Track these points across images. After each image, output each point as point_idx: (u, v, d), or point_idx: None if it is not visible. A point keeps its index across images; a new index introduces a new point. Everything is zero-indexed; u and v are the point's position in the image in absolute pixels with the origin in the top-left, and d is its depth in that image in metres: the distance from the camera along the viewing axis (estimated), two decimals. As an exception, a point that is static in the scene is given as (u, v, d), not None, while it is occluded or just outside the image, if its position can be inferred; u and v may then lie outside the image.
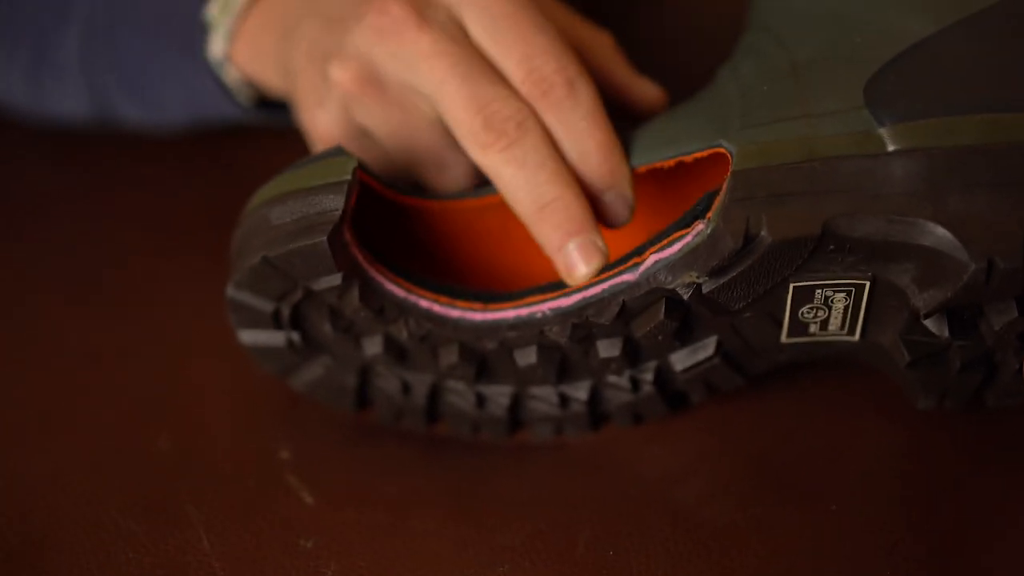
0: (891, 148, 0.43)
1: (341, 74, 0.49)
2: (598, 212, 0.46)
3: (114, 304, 0.57)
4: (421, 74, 0.47)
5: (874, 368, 0.48)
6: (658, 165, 0.46)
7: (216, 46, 0.56)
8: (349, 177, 0.45)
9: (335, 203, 0.44)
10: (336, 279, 0.45)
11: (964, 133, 0.42)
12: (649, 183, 0.48)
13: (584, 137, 0.46)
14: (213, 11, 0.55)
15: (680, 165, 0.46)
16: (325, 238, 0.44)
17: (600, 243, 0.45)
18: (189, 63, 0.57)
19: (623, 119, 0.49)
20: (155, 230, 0.60)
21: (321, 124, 0.51)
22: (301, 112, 0.52)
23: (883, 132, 0.43)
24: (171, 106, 0.60)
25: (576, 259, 0.45)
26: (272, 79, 0.55)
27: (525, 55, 0.46)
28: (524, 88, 0.46)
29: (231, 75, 0.56)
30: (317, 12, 0.51)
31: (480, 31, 0.47)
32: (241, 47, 0.55)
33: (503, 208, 0.48)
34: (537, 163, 0.46)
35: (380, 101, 0.49)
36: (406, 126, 0.50)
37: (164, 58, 0.58)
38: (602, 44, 0.53)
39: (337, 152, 0.46)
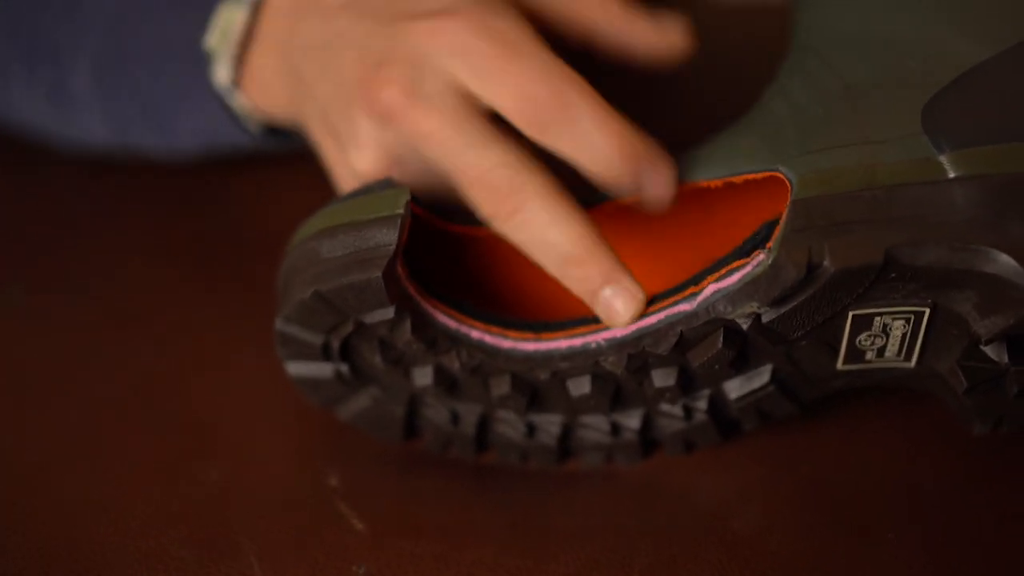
0: (952, 175, 0.43)
1: (362, 162, 0.49)
2: (641, 201, 0.46)
3: (160, 334, 0.56)
4: (425, 153, 0.47)
5: (927, 394, 0.48)
6: (705, 184, 0.46)
7: (221, 74, 0.55)
8: (402, 211, 0.44)
9: (388, 237, 0.44)
10: (388, 313, 0.45)
11: None
12: (695, 203, 0.48)
13: (597, 147, 0.45)
14: (211, 41, 0.55)
15: (728, 186, 0.46)
16: (380, 273, 0.43)
17: (632, 286, 0.45)
18: (198, 91, 0.56)
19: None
20: (201, 260, 0.60)
21: (362, 164, 0.50)
22: (333, 165, 0.52)
23: (943, 159, 0.43)
24: (184, 135, 0.59)
25: (611, 308, 0.45)
26: (282, 111, 0.54)
27: (515, 94, 0.46)
28: (525, 127, 0.46)
29: (239, 102, 0.56)
30: (316, 59, 0.50)
31: (471, 82, 0.46)
32: (248, 77, 0.55)
33: None
34: (542, 225, 0.45)
35: (407, 174, 0.49)
36: (441, 182, 0.49)
37: (173, 86, 0.57)
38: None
39: (387, 184, 0.46)
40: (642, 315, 0.45)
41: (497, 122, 0.47)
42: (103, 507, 0.49)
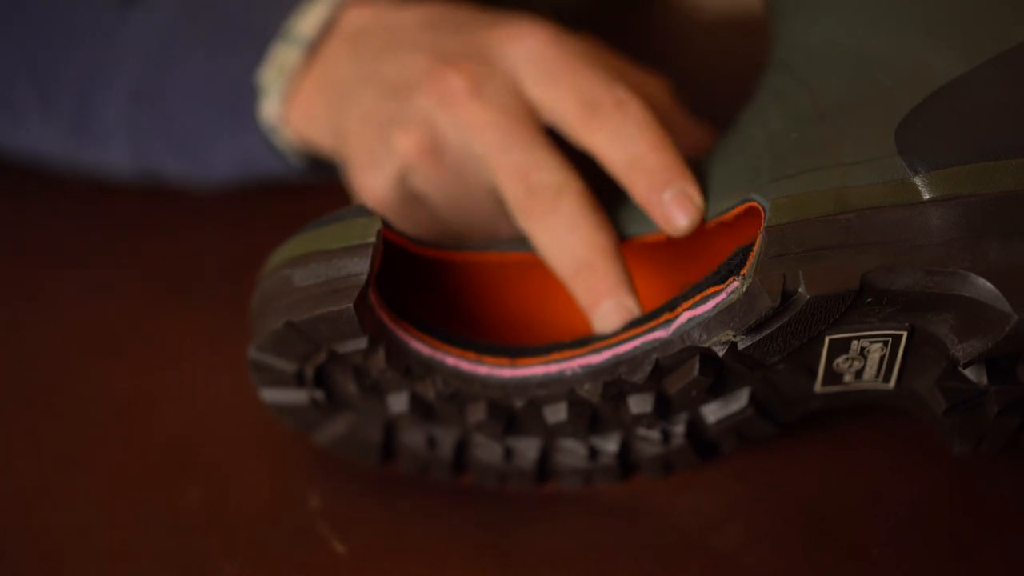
0: (927, 196, 0.42)
1: (404, 140, 0.50)
2: (663, 216, 0.46)
3: (138, 356, 0.56)
4: (474, 143, 0.48)
5: (903, 413, 0.47)
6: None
7: (270, 108, 0.56)
8: (373, 239, 0.44)
9: (360, 267, 0.43)
10: (362, 343, 0.44)
11: (1001, 179, 0.41)
12: (677, 240, 0.47)
13: (635, 141, 0.47)
14: (269, 76, 0.56)
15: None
16: (352, 304, 0.43)
17: (631, 305, 0.46)
18: (238, 125, 0.57)
19: None
20: (178, 282, 0.59)
21: (374, 187, 0.52)
22: (353, 173, 0.53)
23: (918, 180, 0.42)
24: (218, 165, 0.60)
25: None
26: (323, 140, 0.55)
27: (575, 89, 0.48)
28: (574, 117, 0.48)
29: (284, 137, 0.56)
30: (373, 79, 0.52)
31: (535, 84, 0.49)
32: (295, 110, 0.55)
33: (524, 264, 0.47)
34: (570, 229, 0.46)
35: (439, 168, 0.50)
36: (462, 194, 0.51)
37: (213, 120, 0.58)
38: (658, 89, 0.53)
39: (360, 212, 0.45)
40: (617, 342, 0.45)
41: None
42: (81, 531, 0.49)
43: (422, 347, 0.45)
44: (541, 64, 0.49)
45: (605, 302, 0.46)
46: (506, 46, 0.50)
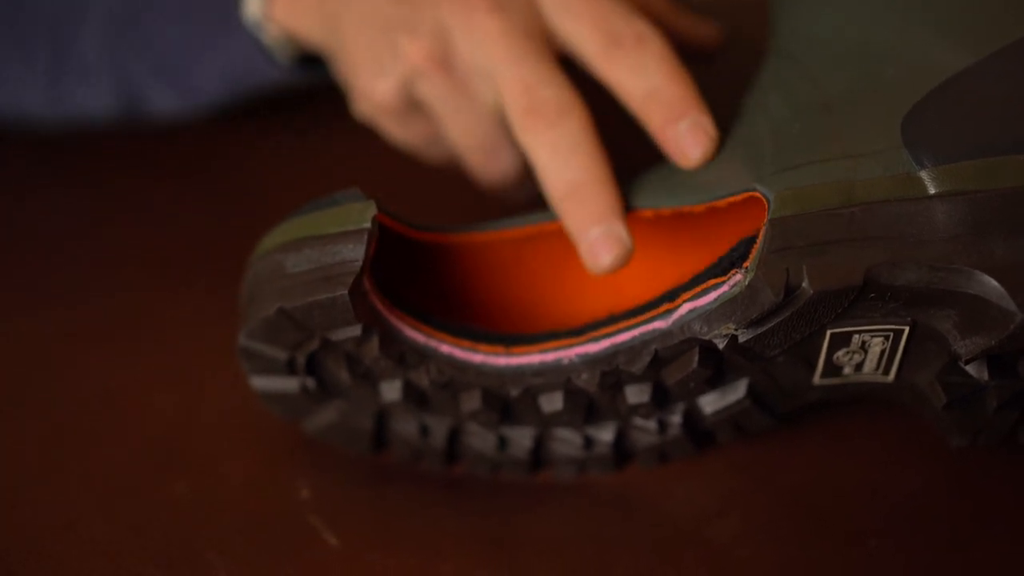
0: (932, 191, 0.41)
1: (413, 48, 0.50)
2: (677, 149, 0.46)
3: (122, 344, 0.55)
4: (485, 54, 0.48)
5: (900, 406, 0.47)
6: (687, 210, 0.45)
7: (253, 5, 0.55)
8: (368, 225, 0.43)
9: (355, 253, 0.43)
10: (355, 330, 0.43)
11: (1007, 175, 0.41)
12: (676, 224, 0.47)
13: (652, 73, 0.47)
14: None
15: (710, 208, 0.44)
16: (346, 291, 0.42)
17: (623, 235, 0.45)
18: (223, 32, 0.56)
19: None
20: (163, 267, 0.58)
21: (380, 93, 0.51)
22: (354, 75, 0.52)
23: (924, 174, 0.42)
24: (206, 83, 0.59)
25: (598, 249, 0.45)
26: (313, 32, 0.54)
27: (595, 20, 0.48)
28: (596, 50, 0.48)
29: (270, 33, 0.56)
30: None
31: (556, 12, 0.49)
32: (279, 3, 0.55)
33: (518, 242, 0.47)
34: (570, 148, 0.46)
35: (446, 80, 0.50)
36: (466, 109, 0.50)
37: (196, 33, 0.57)
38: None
39: (355, 196, 0.44)
40: (615, 331, 0.44)
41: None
42: (68, 525, 0.48)
43: (416, 335, 0.45)
44: None
45: (594, 227, 0.45)
46: None
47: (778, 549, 0.45)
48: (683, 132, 0.46)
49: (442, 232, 0.47)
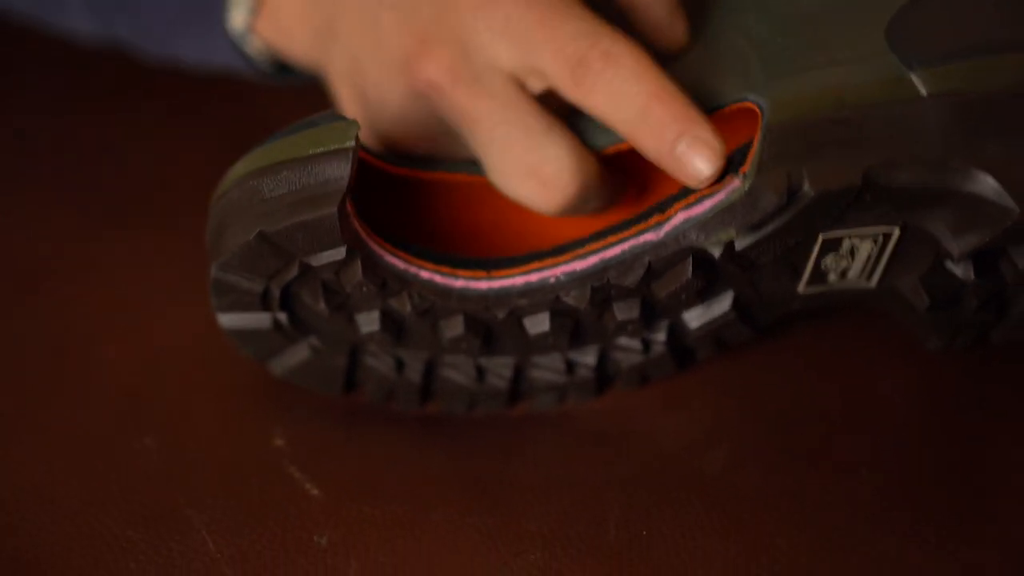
0: (924, 92, 0.42)
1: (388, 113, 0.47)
2: (683, 172, 0.42)
3: (67, 294, 0.51)
4: (474, 136, 0.45)
5: (878, 312, 0.47)
6: None
7: (238, 18, 0.53)
8: (352, 143, 0.41)
9: (339, 171, 0.41)
10: (339, 253, 0.42)
11: (997, 75, 0.41)
12: None
13: (635, 96, 0.43)
14: None
15: None
16: (335, 209, 0.40)
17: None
18: (208, 32, 0.54)
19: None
20: (103, 207, 0.55)
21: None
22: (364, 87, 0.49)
23: (914, 76, 0.42)
24: (183, 56, 0.57)
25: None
26: (299, 48, 0.52)
27: (555, 49, 0.43)
28: (565, 79, 0.43)
29: (254, 46, 0.53)
30: (356, 9, 0.48)
31: (512, 52, 0.44)
32: (266, 18, 0.52)
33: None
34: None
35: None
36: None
37: (181, 20, 0.55)
38: None
39: (333, 117, 0.42)
40: (603, 246, 0.43)
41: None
42: (36, 490, 0.45)
43: (396, 261, 0.43)
44: (517, 29, 0.44)
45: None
46: (477, 17, 0.45)
47: (769, 477, 0.45)
48: (684, 153, 0.42)
49: (419, 169, 0.46)
